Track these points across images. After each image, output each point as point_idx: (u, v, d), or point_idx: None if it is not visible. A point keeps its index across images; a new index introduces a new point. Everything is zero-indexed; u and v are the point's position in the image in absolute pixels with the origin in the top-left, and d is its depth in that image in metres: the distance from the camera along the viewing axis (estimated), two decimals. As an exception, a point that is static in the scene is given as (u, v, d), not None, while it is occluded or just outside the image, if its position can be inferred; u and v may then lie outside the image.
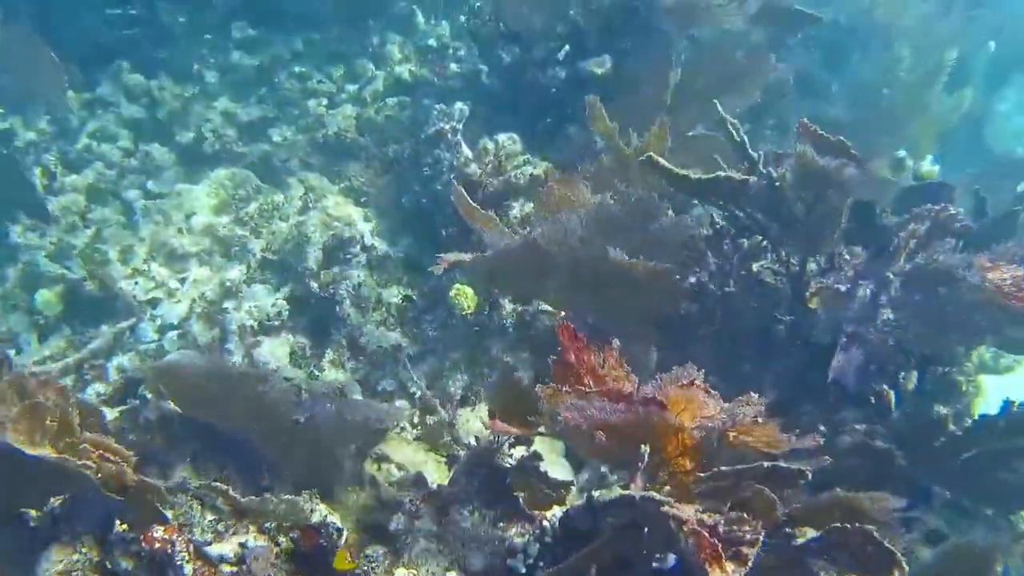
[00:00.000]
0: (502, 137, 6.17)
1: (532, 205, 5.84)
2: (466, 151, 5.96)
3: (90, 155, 6.75)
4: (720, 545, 3.24)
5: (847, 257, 5.07)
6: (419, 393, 5.40)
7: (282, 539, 4.04)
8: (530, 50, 6.75)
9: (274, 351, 5.53)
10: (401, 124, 6.89)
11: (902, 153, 6.95)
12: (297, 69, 7.35)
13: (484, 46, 7.02)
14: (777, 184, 4.59)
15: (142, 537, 3.76)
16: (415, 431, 5.14)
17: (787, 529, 3.53)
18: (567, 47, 6.71)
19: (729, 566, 3.24)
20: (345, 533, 4.17)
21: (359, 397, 5.30)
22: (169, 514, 3.89)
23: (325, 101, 7.16)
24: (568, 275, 5.15)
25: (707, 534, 3.24)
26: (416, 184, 6.14)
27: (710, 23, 6.53)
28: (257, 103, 7.25)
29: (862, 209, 4.81)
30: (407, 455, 4.82)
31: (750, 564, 3.22)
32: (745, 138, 4.96)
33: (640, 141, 5.37)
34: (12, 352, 5.43)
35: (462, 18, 7.38)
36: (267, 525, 4.07)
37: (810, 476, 3.41)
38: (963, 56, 8.22)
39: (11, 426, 3.47)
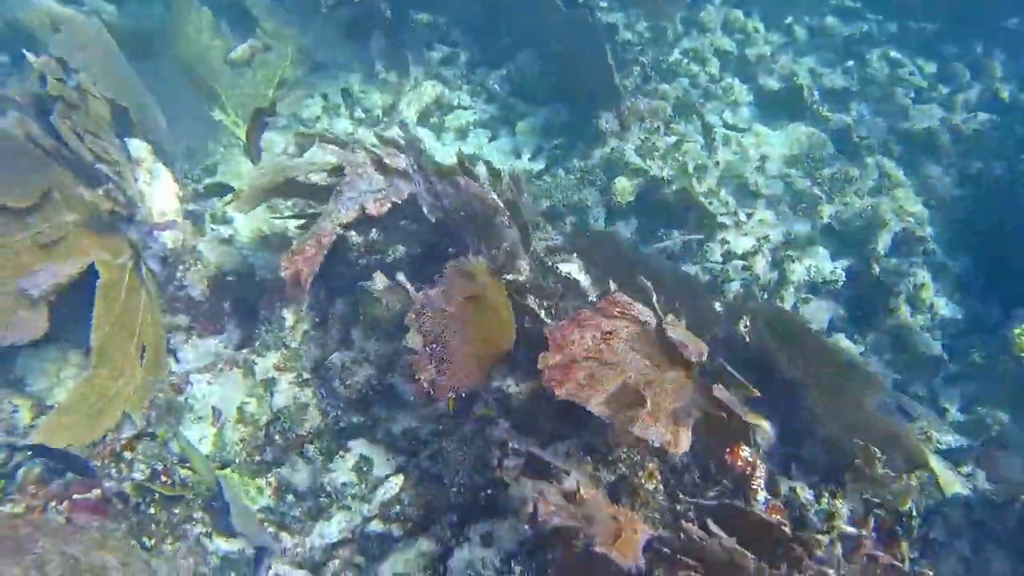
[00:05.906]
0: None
1: None
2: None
3: (679, 70, 7.10)
4: None
5: None
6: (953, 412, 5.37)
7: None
8: None
9: (816, 316, 5.66)
10: (987, 143, 6.64)
11: None
12: (892, 53, 7.29)
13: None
14: None
15: (729, 449, 3.96)
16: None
17: None
18: None
19: None
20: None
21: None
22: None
23: (912, 93, 7.05)
24: None
25: None
26: (1007, 209, 5.94)
27: None
28: (842, 73, 7.28)
29: None
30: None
31: None
32: None
33: None
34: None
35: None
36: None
37: None
38: None
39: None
